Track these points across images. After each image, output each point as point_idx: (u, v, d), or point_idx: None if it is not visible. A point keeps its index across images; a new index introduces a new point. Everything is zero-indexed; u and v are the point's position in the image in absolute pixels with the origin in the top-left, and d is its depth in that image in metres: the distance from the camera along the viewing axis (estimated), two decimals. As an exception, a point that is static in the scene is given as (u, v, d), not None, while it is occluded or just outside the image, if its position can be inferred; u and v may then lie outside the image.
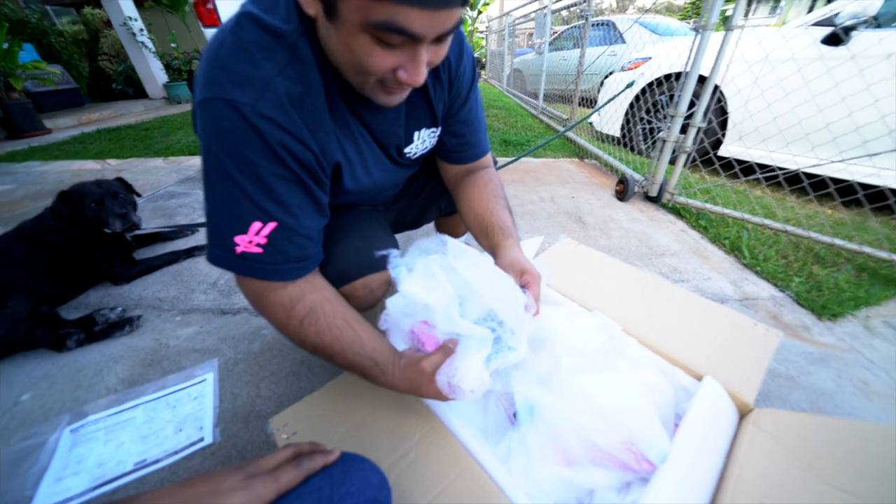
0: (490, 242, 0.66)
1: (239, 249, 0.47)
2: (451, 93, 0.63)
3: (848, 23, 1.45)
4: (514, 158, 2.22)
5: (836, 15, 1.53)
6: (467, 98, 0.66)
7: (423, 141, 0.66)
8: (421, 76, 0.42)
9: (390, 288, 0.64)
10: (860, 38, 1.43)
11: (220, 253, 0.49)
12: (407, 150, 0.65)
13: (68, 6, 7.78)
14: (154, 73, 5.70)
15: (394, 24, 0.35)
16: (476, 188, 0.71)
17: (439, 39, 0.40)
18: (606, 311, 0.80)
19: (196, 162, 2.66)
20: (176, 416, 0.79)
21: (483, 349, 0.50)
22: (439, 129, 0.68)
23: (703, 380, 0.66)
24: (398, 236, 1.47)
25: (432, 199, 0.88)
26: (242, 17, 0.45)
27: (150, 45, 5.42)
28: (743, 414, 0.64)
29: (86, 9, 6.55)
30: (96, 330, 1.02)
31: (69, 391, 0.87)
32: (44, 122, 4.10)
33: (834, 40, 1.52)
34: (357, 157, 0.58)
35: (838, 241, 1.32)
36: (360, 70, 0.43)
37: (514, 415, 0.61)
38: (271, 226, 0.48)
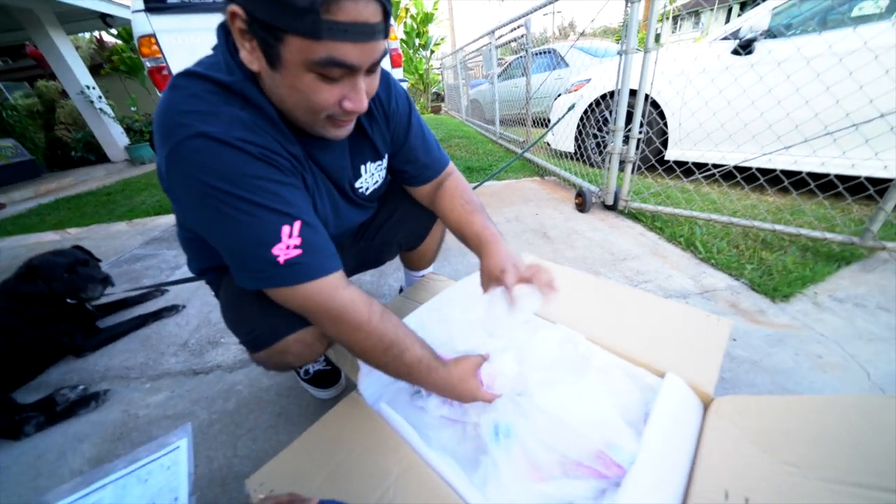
0: (474, 250, 0.71)
1: (281, 259, 0.48)
2: (389, 126, 0.69)
3: (749, 36, 1.65)
4: (478, 184, 2.32)
5: (738, 30, 1.74)
6: (409, 126, 0.72)
7: (371, 175, 0.71)
8: (364, 102, 0.48)
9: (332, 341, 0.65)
10: (761, 48, 1.63)
11: (265, 273, 0.48)
12: (357, 184, 0.69)
13: (20, 80, 7.74)
14: (115, 137, 5.66)
15: (334, 58, 0.41)
16: (445, 200, 0.76)
17: (371, 70, 0.46)
18: (571, 321, 0.84)
19: (162, 221, 2.62)
20: (148, 490, 0.75)
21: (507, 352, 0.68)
22: (384, 160, 0.73)
23: (664, 377, 0.70)
24: (367, 273, 1.49)
25: (391, 237, 0.91)
26: (185, 76, 0.49)
27: (108, 110, 5.41)
28: (706, 404, 0.68)
29: (39, 82, 6.52)
30: (57, 410, 0.97)
31: (27, 481, 0.81)
32: (-3, 198, 3.96)
33: (743, 49, 1.72)
34: (316, 192, 0.61)
35: (778, 227, 1.43)
36: (310, 108, 0.47)
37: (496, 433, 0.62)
38: (297, 224, 0.49)
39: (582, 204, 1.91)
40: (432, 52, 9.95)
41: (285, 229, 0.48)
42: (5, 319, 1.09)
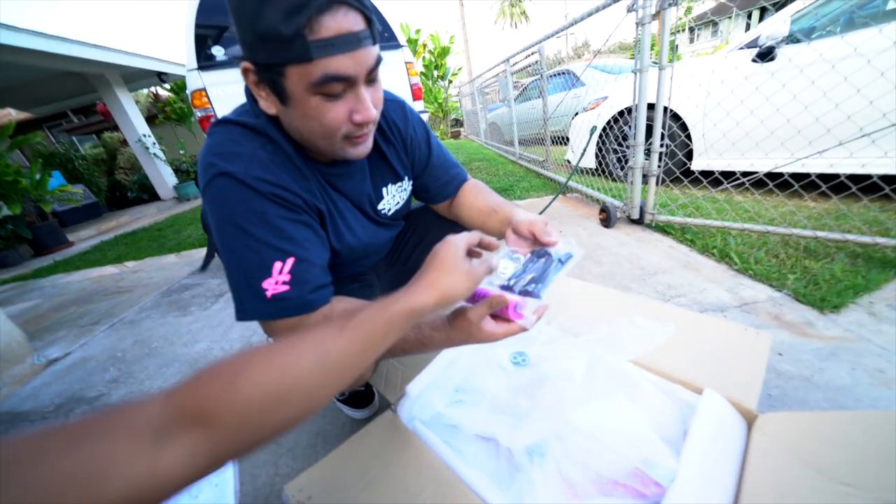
0: (498, 216, 0.71)
1: (269, 293, 0.51)
2: (408, 151, 0.74)
3: (769, 43, 1.64)
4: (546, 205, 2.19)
5: (757, 38, 1.73)
6: (429, 150, 0.77)
7: (392, 196, 0.76)
8: (371, 111, 0.50)
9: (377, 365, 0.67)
10: (782, 55, 1.61)
11: (253, 305, 0.52)
12: (380, 206, 0.74)
13: (90, 134, 8.79)
14: (165, 178, 6.26)
15: (328, 74, 0.45)
16: (467, 197, 0.80)
17: (370, 80, 0.50)
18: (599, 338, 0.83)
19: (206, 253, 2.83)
20: (198, 507, 0.79)
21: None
22: (404, 182, 0.77)
23: (702, 393, 0.67)
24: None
25: (424, 260, 0.95)
26: (220, 123, 0.58)
27: (161, 155, 6.03)
28: (749, 421, 0.65)
29: (105, 134, 7.40)
30: None
31: (95, 497, 0.88)
32: (67, 237, 4.43)
33: (764, 57, 1.71)
34: (338, 216, 0.66)
35: (821, 234, 1.35)
36: (325, 132, 0.51)
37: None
38: (290, 261, 0.52)
39: (606, 219, 1.90)
40: (450, 81, 10.40)
41: (277, 265, 0.51)
42: None
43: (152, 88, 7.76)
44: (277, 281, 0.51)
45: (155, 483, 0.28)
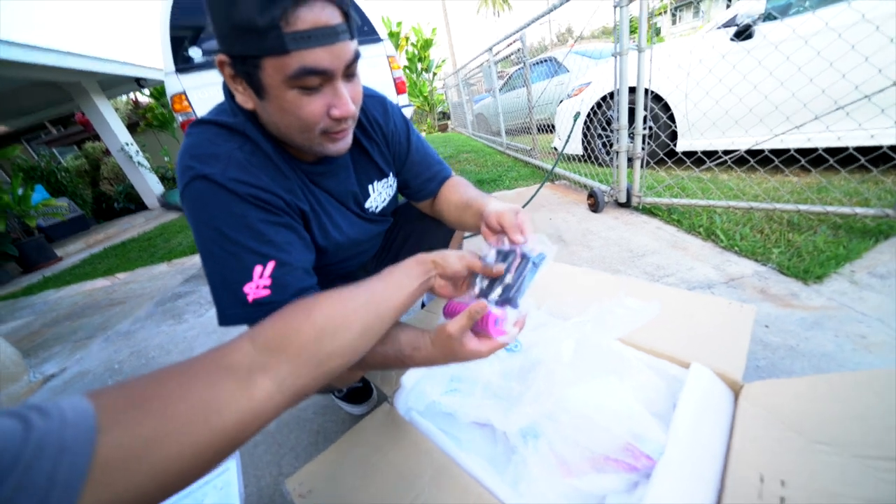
0: (472, 210, 0.70)
1: (251, 298, 0.50)
2: (389, 147, 0.74)
3: (745, 21, 1.65)
4: (533, 194, 2.24)
5: (736, 16, 1.74)
6: (409, 144, 0.77)
7: (379, 193, 0.75)
8: (349, 106, 0.50)
9: None
10: (759, 33, 1.63)
11: (235, 310, 0.51)
12: (367, 204, 0.74)
13: (70, 145, 8.60)
14: (151, 186, 6.16)
15: (305, 67, 0.44)
16: (446, 194, 0.80)
17: (348, 75, 0.49)
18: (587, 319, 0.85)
19: (198, 260, 2.81)
20: (204, 510, 0.81)
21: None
22: (389, 178, 0.77)
23: (690, 367, 0.69)
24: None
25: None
26: (197, 124, 0.57)
27: (145, 163, 5.92)
28: (736, 391, 0.67)
29: (87, 144, 7.24)
30: None
31: None
32: (55, 252, 4.36)
33: (742, 35, 1.72)
34: (323, 213, 0.65)
35: (803, 207, 1.38)
36: (303, 126, 0.50)
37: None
38: (271, 265, 0.51)
39: (594, 204, 1.91)
40: (434, 73, 10.31)
41: (257, 269, 0.51)
42: None
43: (131, 95, 7.60)
44: (258, 285, 0.51)
45: (254, 413, 0.33)
